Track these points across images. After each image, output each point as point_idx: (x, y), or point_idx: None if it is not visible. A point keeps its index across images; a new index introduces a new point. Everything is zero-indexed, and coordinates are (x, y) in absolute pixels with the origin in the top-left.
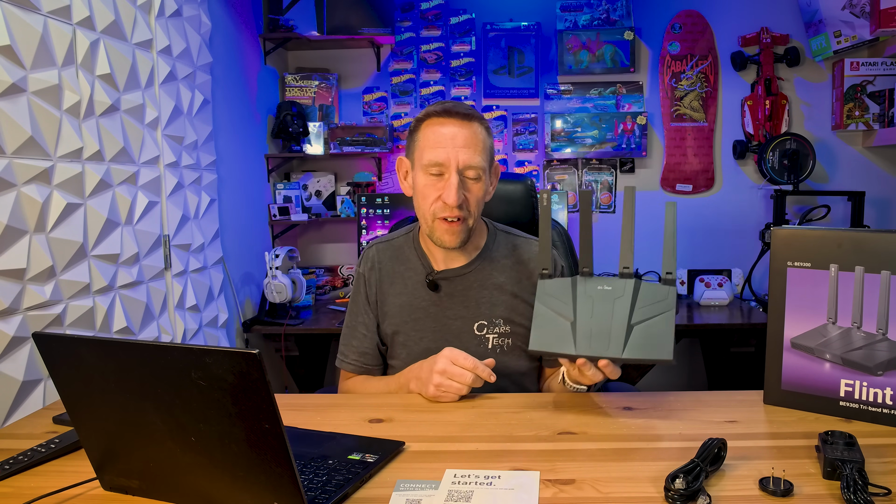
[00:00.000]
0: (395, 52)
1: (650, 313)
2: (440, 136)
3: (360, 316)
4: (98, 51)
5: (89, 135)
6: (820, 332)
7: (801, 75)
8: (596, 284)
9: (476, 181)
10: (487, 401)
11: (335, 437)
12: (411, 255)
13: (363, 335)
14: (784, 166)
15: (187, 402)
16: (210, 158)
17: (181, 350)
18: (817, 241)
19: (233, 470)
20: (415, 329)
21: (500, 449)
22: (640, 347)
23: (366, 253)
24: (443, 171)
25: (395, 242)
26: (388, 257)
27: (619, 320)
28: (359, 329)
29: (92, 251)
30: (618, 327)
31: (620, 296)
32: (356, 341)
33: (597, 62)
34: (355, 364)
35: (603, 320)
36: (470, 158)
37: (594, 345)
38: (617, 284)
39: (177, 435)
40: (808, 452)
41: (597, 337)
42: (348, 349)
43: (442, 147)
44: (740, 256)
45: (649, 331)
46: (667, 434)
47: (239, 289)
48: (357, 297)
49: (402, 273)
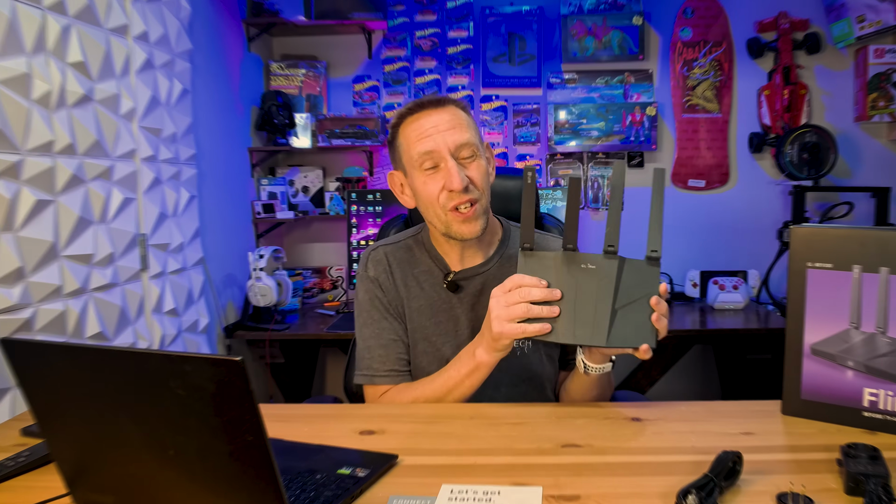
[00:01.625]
0: (388, 38)
1: (634, 296)
2: (421, 129)
3: (383, 322)
4: (70, 37)
5: (60, 127)
6: (842, 337)
7: (821, 63)
8: (580, 262)
9: (474, 159)
10: (487, 411)
11: (324, 451)
12: (423, 257)
13: (392, 341)
14: (803, 160)
15: (165, 412)
16: (190, 152)
17: (159, 357)
18: (839, 241)
19: (214, 485)
20: (436, 333)
21: (500, 462)
22: (623, 335)
23: (371, 256)
24: (437, 162)
25: (402, 245)
26: (398, 259)
27: (603, 304)
28: (385, 336)
29: (63, 251)
30: (601, 312)
31: (604, 276)
32: (384, 350)
33: (603, 49)
34: (390, 375)
35: (587, 304)
36: (459, 137)
37: (578, 331)
38: (601, 263)
39: (154, 448)
40: (829, 466)
41: (581, 323)
42: (376, 361)
43: (428, 137)
44: (757, 257)
45: (632, 315)
46: (678, 447)
47: (220, 291)
48: (372, 303)
49: (416, 276)
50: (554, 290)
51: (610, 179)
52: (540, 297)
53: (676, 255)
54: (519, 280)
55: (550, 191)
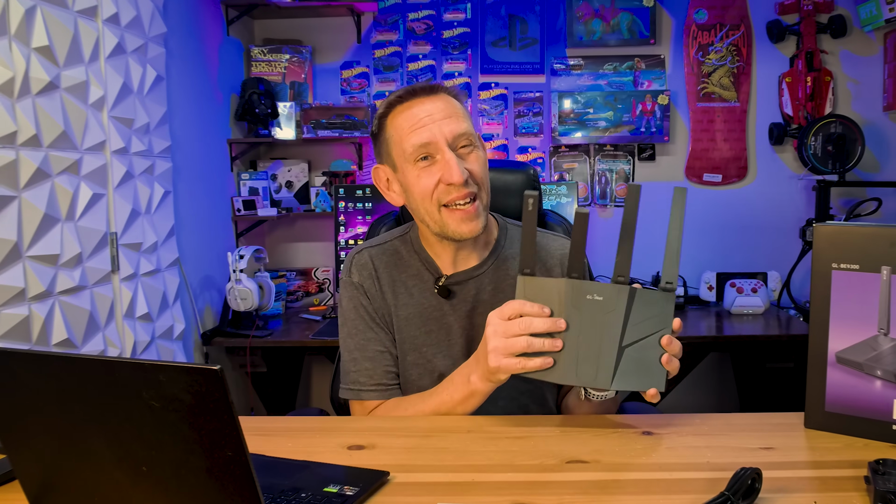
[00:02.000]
0: (379, 20)
1: (644, 332)
2: (415, 118)
3: (369, 332)
4: (34, 19)
5: (24, 117)
6: (870, 344)
7: (847, 48)
8: (585, 293)
9: (472, 150)
10: (485, 424)
11: (309, 467)
12: (412, 259)
13: (379, 353)
14: (828, 153)
15: (138, 426)
16: (164, 144)
17: (131, 366)
18: (867, 240)
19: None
20: (427, 343)
21: (500, 480)
22: (630, 376)
23: (356, 260)
24: (433, 153)
25: (388, 247)
26: (384, 263)
27: (610, 342)
28: (371, 347)
29: (27, 251)
30: (608, 350)
31: (612, 310)
32: (371, 363)
33: (611, 33)
34: (378, 390)
35: (592, 340)
36: (457, 127)
37: (581, 371)
38: (609, 294)
39: (125, 464)
40: (855, 484)
41: (584, 361)
42: (363, 375)
43: (423, 126)
44: (777, 257)
45: (642, 355)
46: (693, 463)
47: (197, 295)
48: (357, 312)
49: (404, 281)
50: (558, 320)
51: (626, 203)
52: (543, 328)
53: (691, 255)
54: (520, 307)
55: (554, 186)
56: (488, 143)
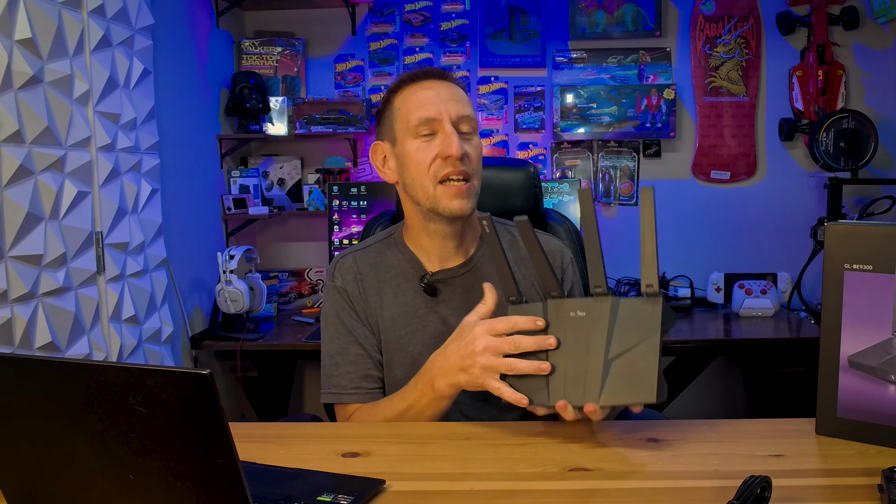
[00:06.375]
0: (374, 12)
1: (631, 342)
2: (423, 97)
3: (350, 335)
4: (17, 10)
5: (6, 112)
6: (883, 348)
7: (860, 40)
8: (568, 310)
9: (472, 136)
10: (484, 430)
11: (302, 475)
12: (395, 259)
13: (359, 355)
14: (840, 149)
15: (124, 432)
16: (152, 140)
17: (117, 370)
18: (880, 240)
19: None
20: (412, 343)
21: (500, 489)
22: (618, 390)
23: (339, 264)
24: (435, 129)
25: (372, 249)
26: (368, 266)
27: (596, 356)
28: (352, 351)
29: (10, 251)
30: (594, 366)
31: (595, 325)
32: (352, 366)
33: (616, 25)
34: (357, 393)
35: (578, 359)
36: (462, 109)
37: (569, 392)
38: (591, 309)
39: (111, 472)
40: (869, 493)
41: (572, 381)
42: (343, 378)
43: (430, 103)
44: (788, 258)
45: (629, 366)
46: (700, 471)
47: (186, 297)
48: (339, 316)
49: (387, 282)
50: (549, 338)
51: (581, 209)
52: (533, 346)
53: (698, 255)
54: (514, 322)
55: (556, 184)
56: (488, 138)
